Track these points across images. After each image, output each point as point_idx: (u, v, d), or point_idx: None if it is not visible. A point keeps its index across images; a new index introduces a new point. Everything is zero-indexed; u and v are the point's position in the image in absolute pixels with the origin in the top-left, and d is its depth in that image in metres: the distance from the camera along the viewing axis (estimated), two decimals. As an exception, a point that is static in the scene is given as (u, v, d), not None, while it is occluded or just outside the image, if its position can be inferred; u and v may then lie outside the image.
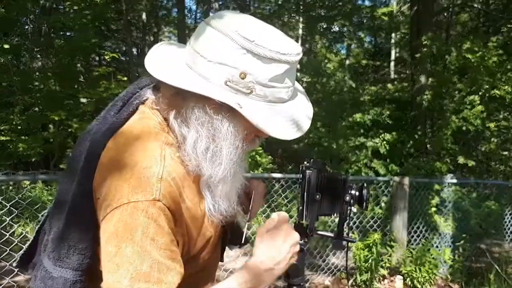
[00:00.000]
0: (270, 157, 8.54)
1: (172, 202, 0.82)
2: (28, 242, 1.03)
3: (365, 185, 1.06)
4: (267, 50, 0.82)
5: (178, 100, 0.87)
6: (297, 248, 0.97)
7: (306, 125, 0.93)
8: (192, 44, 0.88)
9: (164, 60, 0.90)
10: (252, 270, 0.89)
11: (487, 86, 8.04)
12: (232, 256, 4.19)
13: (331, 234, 1.07)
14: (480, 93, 8.16)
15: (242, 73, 0.82)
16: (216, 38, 0.83)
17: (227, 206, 0.94)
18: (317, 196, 1.01)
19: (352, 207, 1.04)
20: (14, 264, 1.07)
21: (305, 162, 1.06)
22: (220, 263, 1.18)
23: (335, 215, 1.05)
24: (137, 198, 0.77)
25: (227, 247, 1.26)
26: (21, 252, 1.02)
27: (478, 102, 8.06)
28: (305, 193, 1.02)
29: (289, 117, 0.90)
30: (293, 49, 0.86)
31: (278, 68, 0.85)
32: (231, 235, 1.19)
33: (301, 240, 1.02)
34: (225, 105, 0.83)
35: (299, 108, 0.93)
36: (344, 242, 1.05)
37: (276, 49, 0.83)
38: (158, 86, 0.94)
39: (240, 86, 0.83)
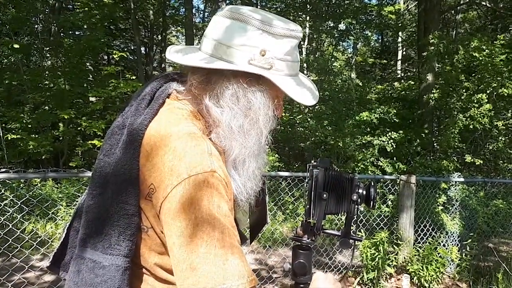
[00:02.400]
0: (277, 155, 8.57)
1: (224, 175, 0.87)
2: (59, 242, 1.05)
3: (372, 184, 1.07)
4: (280, 28, 0.93)
5: (208, 85, 0.95)
6: None
7: (316, 94, 1.03)
8: (209, 35, 0.96)
9: (187, 53, 0.99)
10: None
11: (495, 85, 7.99)
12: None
13: (338, 233, 1.08)
14: (488, 92, 8.10)
15: (262, 50, 0.92)
16: (234, 24, 0.93)
17: (252, 185, 0.98)
18: (324, 195, 1.02)
19: (360, 206, 1.05)
20: (46, 265, 1.05)
21: (313, 161, 1.07)
22: None
23: (342, 213, 1.06)
24: (196, 171, 0.82)
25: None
26: (53, 252, 1.04)
27: (486, 100, 8.00)
28: (313, 192, 1.04)
29: (303, 86, 1.00)
30: (297, 27, 0.98)
31: (290, 43, 0.96)
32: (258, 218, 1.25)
33: (308, 238, 1.05)
34: (254, 77, 0.93)
35: (306, 81, 1.05)
36: (351, 241, 1.06)
37: (286, 27, 0.95)
38: (183, 78, 1.02)
39: (261, 63, 0.93)
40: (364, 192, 1.05)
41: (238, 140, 0.94)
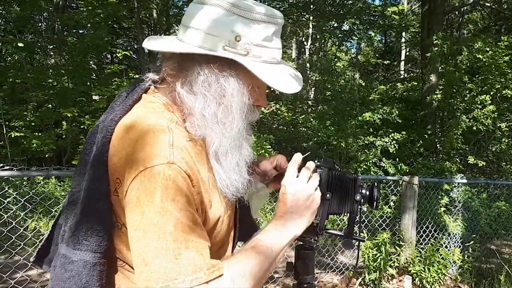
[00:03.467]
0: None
1: (188, 167, 0.84)
2: (44, 238, 1.06)
3: (375, 184, 1.06)
4: (256, 13, 0.91)
5: (181, 71, 0.93)
6: (315, 199, 0.99)
7: (300, 82, 1.00)
8: (185, 22, 0.94)
9: (161, 41, 0.98)
10: (275, 223, 0.94)
11: (498, 86, 7.97)
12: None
13: (341, 233, 1.07)
14: (491, 93, 8.08)
15: (238, 36, 0.89)
16: (208, 10, 0.90)
17: (238, 177, 0.96)
18: (328, 195, 1.01)
19: (363, 206, 1.04)
20: (31, 260, 1.06)
21: (316, 161, 1.06)
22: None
23: (345, 214, 1.05)
24: (152, 163, 0.80)
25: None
26: (38, 247, 1.05)
27: (489, 101, 7.98)
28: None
29: (284, 74, 0.97)
30: (276, 12, 0.95)
31: (268, 29, 0.93)
32: (247, 234, 1.20)
33: (311, 238, 1.04)
34: (228, 62, 0.90)
35: (289, 69, 1.01)
36: (354, 241, 1.05)
37: (263, 11, 0.92)
38: (158, 70, 1.00)
39: (237, 49, 0.90)
40: (368, 193, 1.05)
41: (214, 129, 0.92)
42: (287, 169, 1.00)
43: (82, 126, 8.47)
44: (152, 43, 0.97)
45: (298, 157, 1.02)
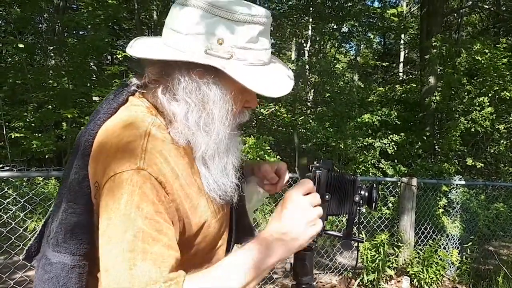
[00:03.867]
0: (278, 156, 8.58)
1: (160, 173, 0.82)
2: (34, 236, 1.05)
3: (374, 185, 1.06)
4: (238, 13, 0.86)
5: (164, 77, 0.90)
6: (314, 219, 0.89)
7: (289, 84, 0.95)
8: (167, 25, 0.91)
9: (143, 44, 0.95)
10: (259, 241, 0.84)
11: (497, 88, 8.00)
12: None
13: (340, 234, 1.06)
14: (489, 95, 8.11)
15: (220, 39, 0.86)
16: (188, 12, 0.87)
17: (225, 181, 0.94)
18: (327, 196, 1.00)
19: (362, 208, 1.04)
20: (21, 257, 1.08)
21: (315, 162, 1.06)
22: None
23: (344, 215, 1.05)
24: (121, 169, 0.79)
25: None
26: (28, 246, 1.05)
27: (488, 103, 8.01)
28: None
29: (272, 77, 0.93)
30: (262, 11, 0.90)
31: (252, 30, 0.88)
32: (244, 235, 1.19)
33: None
34: (209, 69, 0.86)
35: (280, 69, 0.96)
36: (353, 242, 1.04)
37: (246, 12, 0.87)
38: (143, 73, 0.96)
39: (220, 53, 0.86)
40: (366, 194, 1.04)
41: (198, 136, 0.89)
42: (294, 187, 0.92)
43: (82, 127, 8.45)
44: (135, 48, 0.93)
45: (309, 185, 0.92)
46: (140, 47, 0.93)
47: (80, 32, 10.50)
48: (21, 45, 7.34)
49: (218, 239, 1.03)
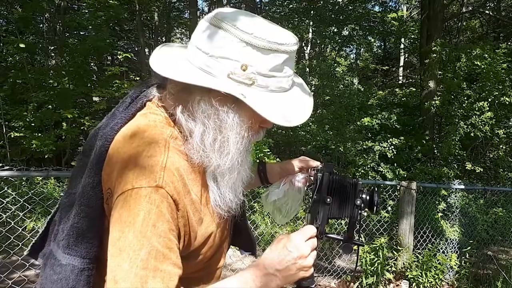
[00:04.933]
0: (278, 159, 8.59)
1: (175, 191, 0.83)
2: (39, 232, 1.07)
3: (376, 189, 1.07)
4: (266, 41, 0.85)
5: (184, 95, 0.90)
6: (307, 267, 0.94)
7: (307, 113, 0.95)
8: (193, 41, 0.91)
9: (167, 59, 0.94)
10: (255, 271, 0.90)
11: (496, 93, 8.01)
12: (239, 256, 4.24)
13: (341, 237, 1.06)
14: (489, 100, 8.13)
15: (244, 65, 0.85)
16: (216, 33, 0.86)
17: (233, 197, 0.96)
18: (328, 199, 1.01)
19: (363, 211, 1.04)
20: (25, 253, 1.09)
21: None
22: (227, 262, 1.22)
23: (345, 218, 1.05)
24: (140, 184, 0.80)
25: (239, 251, 1.32)
26: (33, 241, 1.07)
27: (487, 108, 8.03)
28: (316, 196, 1.03)
29: (291, 105, 0.93)
30: (290, 39, 0.89)
31: (278, 58, 0.87)
32: (240, 238, 1.24)
33: None
34: (230, 96, 0.85)
35: (300, 97, 0.96)
36: (354, 246, 1.05)
37: (274, 39, 0.86)
38: (164, 84, 0.97)
39: (242, 78, 0.86)
40: (368, 197, 1.05)
41: (212, 156, 0.90)
42: (299, 231, 0.95)
43: (82, 127, 8.48)
44: (160, 63, 0.92)
45: (312, 232, 0.96)
46: (165, 64, 0.92)
47: (81, 33, 10.52)
48: (22, 45, 7.36)
49: (221, 247, 1.07)
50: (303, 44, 14.15)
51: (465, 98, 8.60)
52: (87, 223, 0.88)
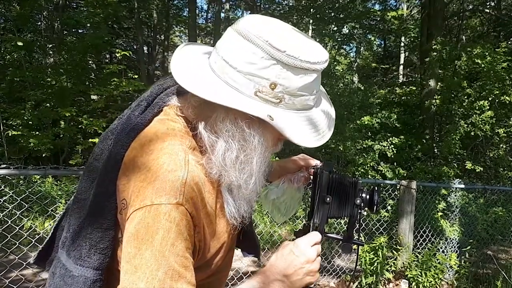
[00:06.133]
0: (277, 158, 8.57)
1: (194, 208, 0.81)
2: (46, 239, 1.04)
3: (376, 188, 1.05)
4: (298, 60, 0.82)
5: (207, 110, 0.87)
6: (314, 272, 0.94)
7: (331, 130, 0.95)
8: (219, 51, 0.86)
9: (191, 68, 0.89)
10: (262, 278, 0.90)
11: (497, 92, 8.00)
12: (237, 255, 4.23)
13: (340, 237, 1.05)
14: (489, 99, 8.11)
15: (273, 83, 0.82)
16: (246, 47, 0.81)
17: (247, 208, 0.94)
18: (328, 199, 1.00)
19: (362, 211, 1.03)
20: (31, 261, 1.06)
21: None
22: None
23: (345, 217, 1.04)
24: (160, 201, 0.76)
25: (241, 253, 1.31)
26: (39, 249, 1.03)
27: (488, 107, 8.01)
28: (316, 195, 1.02)
29: (315, 124, 0.90)
30: (322, 57, 0.86)
31: (308, 78, 0.85)
32: (248, 243, 1.24)
33: None
34: (256, 117, 0.82)
35: (324, 113, 0.94)
36: (353, 245, 1.04)
37: (306, 58, 0.82)
38: (184, 91, 0.91)
39: (269, 96, 0.83)
40: (368, 197, 1.03)
41: (231, 173, 0.87)
42: (305, 237, 0.96)
43: (80, 126, 8.47)
44: (182, 69, 0.88)
45: (318, 238, 0.96)
46: (189, 74, 0.87)
47: (80, 31, 10.50)
48: (20, 43, 7.34)
49: (231, 257, 1.09)
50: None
51: (466, 97, 8.59)
52: (100, 233, 0.86)
